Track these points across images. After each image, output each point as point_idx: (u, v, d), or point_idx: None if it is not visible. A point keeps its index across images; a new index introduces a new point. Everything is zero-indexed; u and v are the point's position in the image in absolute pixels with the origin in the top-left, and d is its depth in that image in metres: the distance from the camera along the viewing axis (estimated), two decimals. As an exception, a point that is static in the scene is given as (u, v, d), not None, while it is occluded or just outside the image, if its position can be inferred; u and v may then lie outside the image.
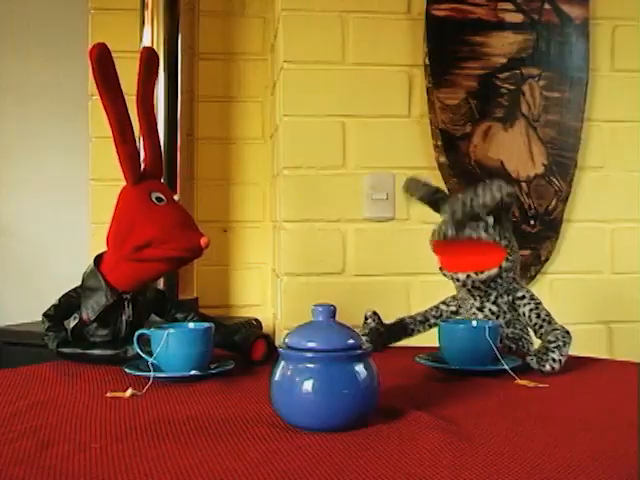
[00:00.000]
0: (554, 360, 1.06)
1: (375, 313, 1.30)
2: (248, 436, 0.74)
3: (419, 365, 1.10)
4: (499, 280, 1.22)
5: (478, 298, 1.25)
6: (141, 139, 1.17)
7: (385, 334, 1.28)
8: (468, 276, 1.21)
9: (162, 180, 1.20)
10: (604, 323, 1.95)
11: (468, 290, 1.24)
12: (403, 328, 1.31)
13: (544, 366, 1.05)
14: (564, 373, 1.06)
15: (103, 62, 1.07)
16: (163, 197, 1.13)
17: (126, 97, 1.11)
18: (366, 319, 1.30)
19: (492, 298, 1.24)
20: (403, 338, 1.32)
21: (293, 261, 1.86)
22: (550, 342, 1.08)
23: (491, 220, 1.21)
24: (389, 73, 1.89)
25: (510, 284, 1.24)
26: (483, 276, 1.20)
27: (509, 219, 1.25)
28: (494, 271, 1.20)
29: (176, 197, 1.16)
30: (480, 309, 1.25)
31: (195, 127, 2.09)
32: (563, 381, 1.02)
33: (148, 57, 1.19)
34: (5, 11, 2.31)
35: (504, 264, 1.21)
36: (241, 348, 1.14)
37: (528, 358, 1.08)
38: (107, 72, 1.07)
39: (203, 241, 1.10)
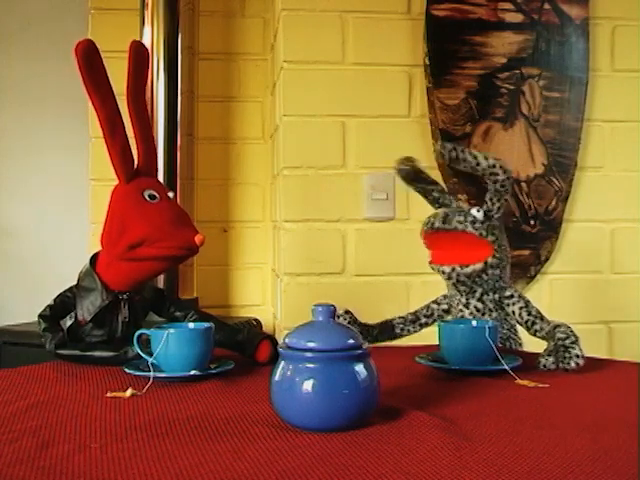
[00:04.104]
0: (577, 356, 1.05)
1: (347, 312, 1.28)
2: (248, 436, 0.74)
3: (419, 365, 1.10)
4: (484, 276, 1.22)
5: (464, 294, 1.25)
6: (134, 136, 1.14)
7: (363, 334, 1.26)
8: (453, 269, 1.22)
9: (157, 177, 1.18)
10: (604, 323, 1.95)
11: (454, 285, 1.25)
12: (390, 329, 1.30)
13: (569, 364, 1.05)
14: (564, 373, 1.06)
15: (90, 58, 1.04)
16: (156, 194, 1.11)
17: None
18: (338, 318, 1.28)
19: (477, 295, 1.24)
20: (391, 339, 1.31)
21: (293, 261, 1.85)
22: (563, 339, 1.07)
23: (480, 215, 1.22)
24: (389, 73, 1.89)
25: (497, 282, 1.24)
26: (468, 270, 1.21)
27: (500, 218, 1.25)
28: (479, 266, 1.21)
29: (170, 194, 1.14)
30: (466, 305, 1.25)
31: (195, 127, 2.09)
32: (563, 381, 1.02)
33: (137, 51, 1.15)
34: (5, 11, 2.31)
35: (490, 260, 1.21)
36: (246, 349, 1.13)
37: (542, 360, 1.07)
38: (94, 69, 1.05)
39: (198, 239, 1.08)
